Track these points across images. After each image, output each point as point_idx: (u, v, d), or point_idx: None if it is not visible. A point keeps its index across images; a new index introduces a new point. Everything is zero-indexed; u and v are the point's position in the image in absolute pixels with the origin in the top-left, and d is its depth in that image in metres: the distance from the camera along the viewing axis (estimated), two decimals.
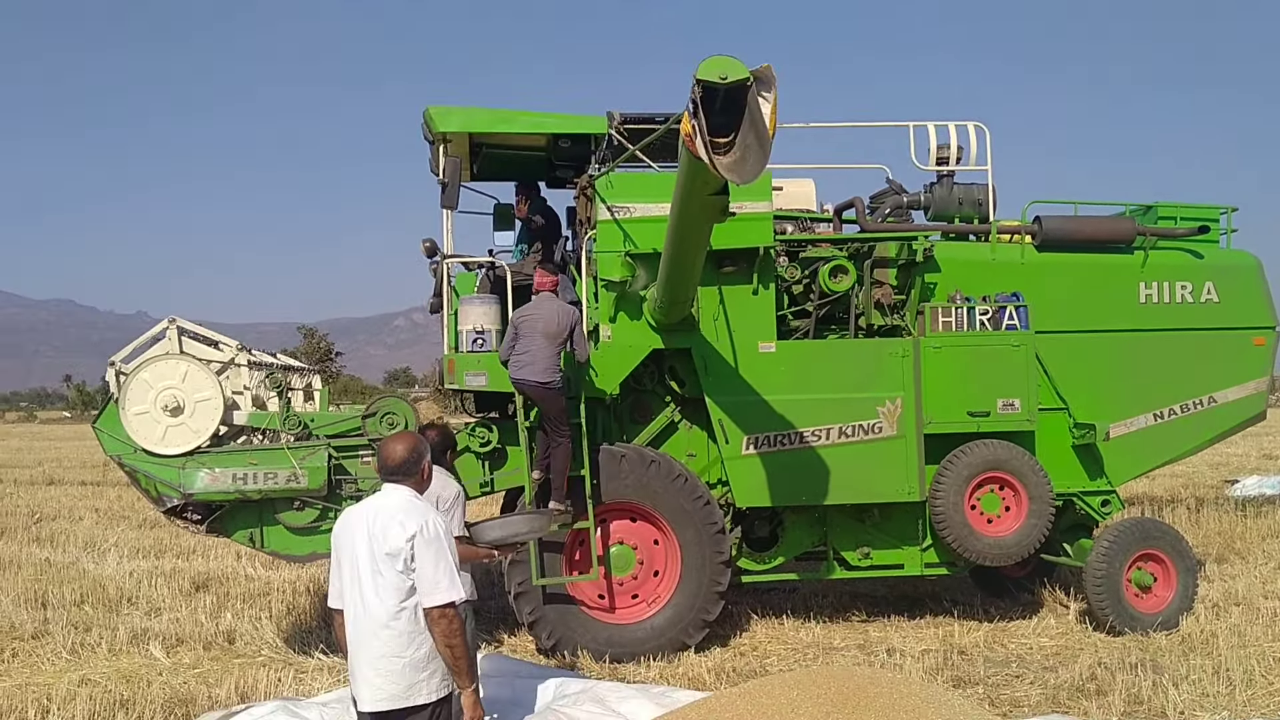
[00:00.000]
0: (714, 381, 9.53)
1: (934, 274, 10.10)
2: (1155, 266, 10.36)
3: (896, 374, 9.66)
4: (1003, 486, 9.59)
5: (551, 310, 8.84)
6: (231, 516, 9.07)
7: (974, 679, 8.32)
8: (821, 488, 9.54)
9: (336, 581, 4.79)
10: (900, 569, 10.04)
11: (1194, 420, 10.44)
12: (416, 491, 4.79)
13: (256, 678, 8.29)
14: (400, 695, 4.55)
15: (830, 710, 5.49)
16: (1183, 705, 7.50)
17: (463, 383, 9.37)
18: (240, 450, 9.02)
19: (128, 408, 8.79)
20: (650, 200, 9.33)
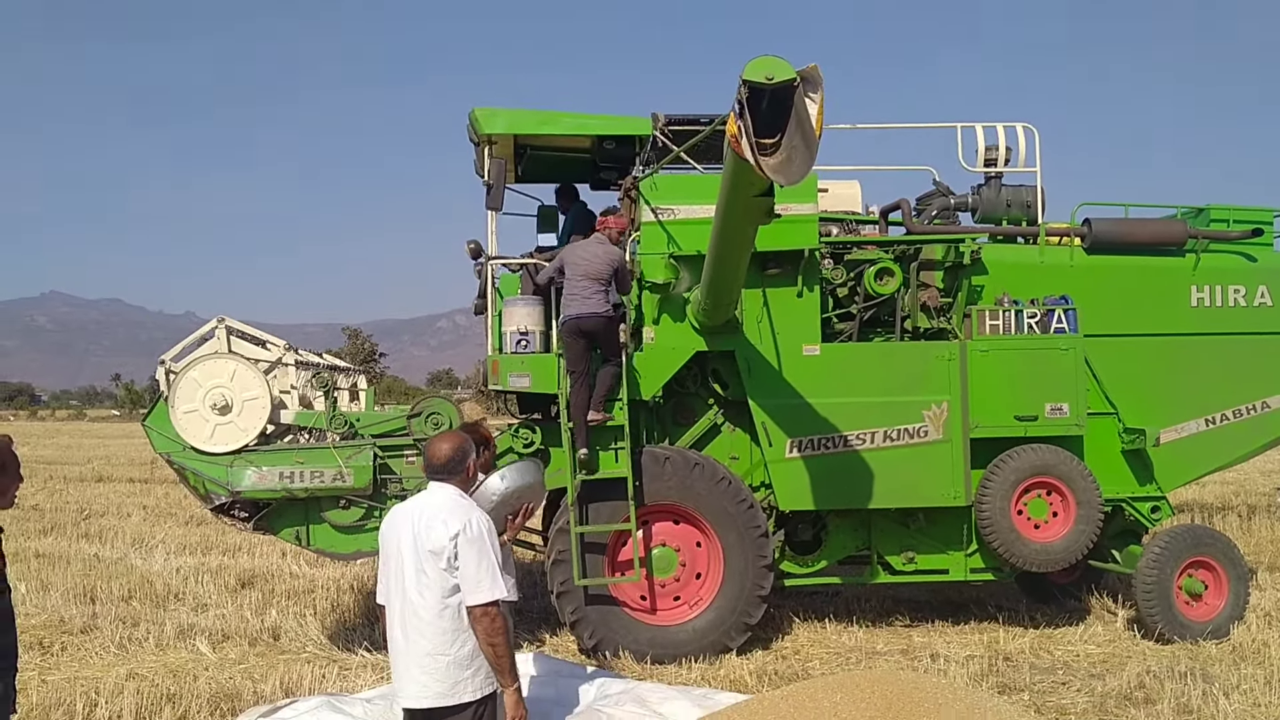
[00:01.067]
0: (757, 384, 9.50)
1: (981, 276, 10.02)
2: (1207, 270, 10.21)
3: (943, 377, 9.58)
4: (1050, 492, 9.49)
5: (594, 252, 9.01)
6: (278, 514, 9.15)
7: (1019, 685, 8.22)
8: (865, 491, 9.48)
9: (384, 578, 4.82)
10: (945, 574, 9.98)
11: (1247, 426, 10.26)
12: (462, 490, 4.81)
13: (301, 674, 8.35)
14: (445, 693, 4.56)
15: (874, 715, 5.45)
16: (1233, 715, 7.37)
17: (506, 384, 9.40)
18: (287, 449, 9.10)
19: (177, 406, 8.90)
20: (694, 202, 9.32)
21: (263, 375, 9.10)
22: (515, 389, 9.51)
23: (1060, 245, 10.27)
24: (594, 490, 9.11)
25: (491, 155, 9.70)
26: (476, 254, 10.08)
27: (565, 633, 10.05)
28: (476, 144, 9.96)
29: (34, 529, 16.47)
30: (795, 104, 5.86)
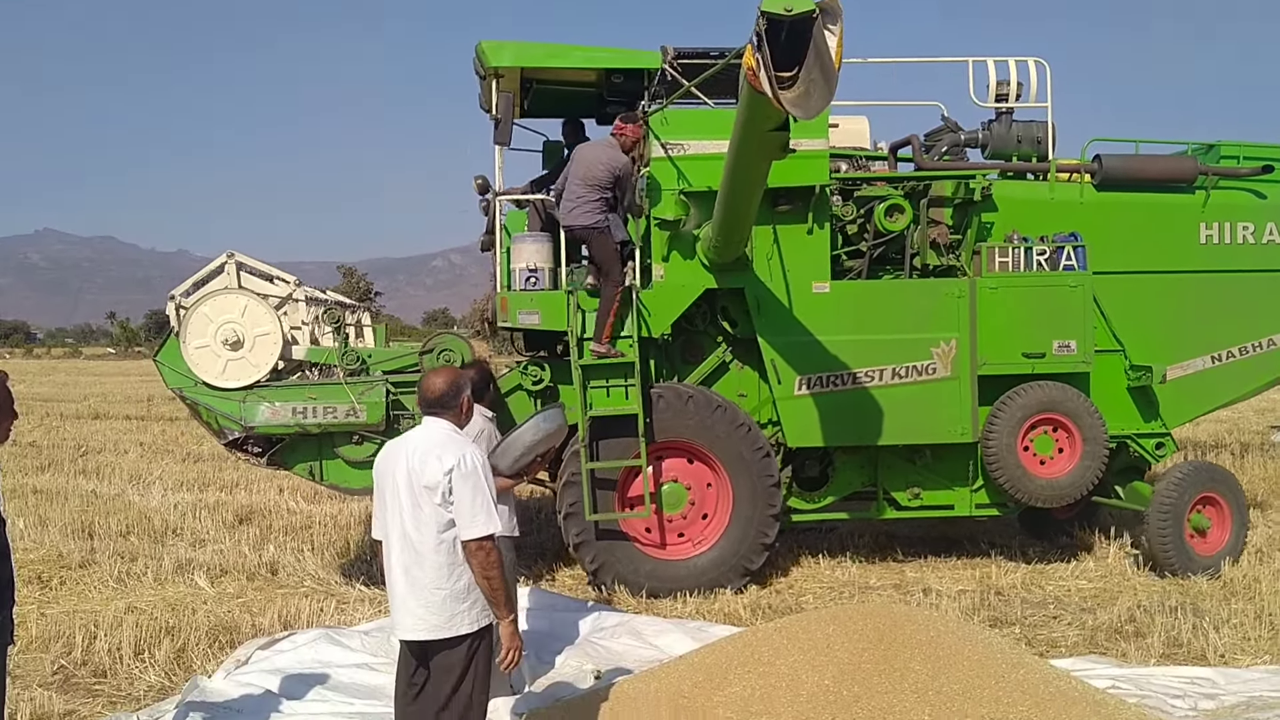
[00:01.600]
0: (767, 321, 9.48)
1: (991, 213, 9.96)
2: (1216, 206, 10.16)
3: (952, 315, 9.57)
4: (1056, 428, 9.53)
5: (594, 156, 8.95)
6: (291, 450, 9.13)
7: (1011, 619, 8.31)
8: (873, 428, 9.51)
9: (379, 513, 4.82)
10: (951, 510, 10.04)
11: (1252, 363, 10.30)
12: (456, 425, 4.79)
13: (299, 607, 8.42)
14: (442, 626, 4.58)
15: (866, 647, 5.51)
16: (1223, 648, 7.46)
17: (515, 321, 9.36)
18: (299, 385, 9.07)
19: (188, 341, 8.86)
20: (705, 137, 9.20)
21: (274, 311, 9.04)
22: (525, 326, 9.45)
23: (1070, 182, 10.20)
24: (605, 426, 9.09)
25: (499, 89, 9.58)
26: (484, 189, 9.98)
27: (562, 567, 10.14)
28: (483, 77, 9.79)
29: (31, 465, 16.52)
30: (814, 36, 5.73)
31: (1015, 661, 5.65)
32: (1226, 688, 6.60)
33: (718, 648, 6.17)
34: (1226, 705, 6.30)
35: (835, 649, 5.53)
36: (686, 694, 5.59)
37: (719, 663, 5.81)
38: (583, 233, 9.03)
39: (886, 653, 5.45)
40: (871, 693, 5.21)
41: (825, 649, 5.55)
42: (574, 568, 10.12)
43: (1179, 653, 7.46)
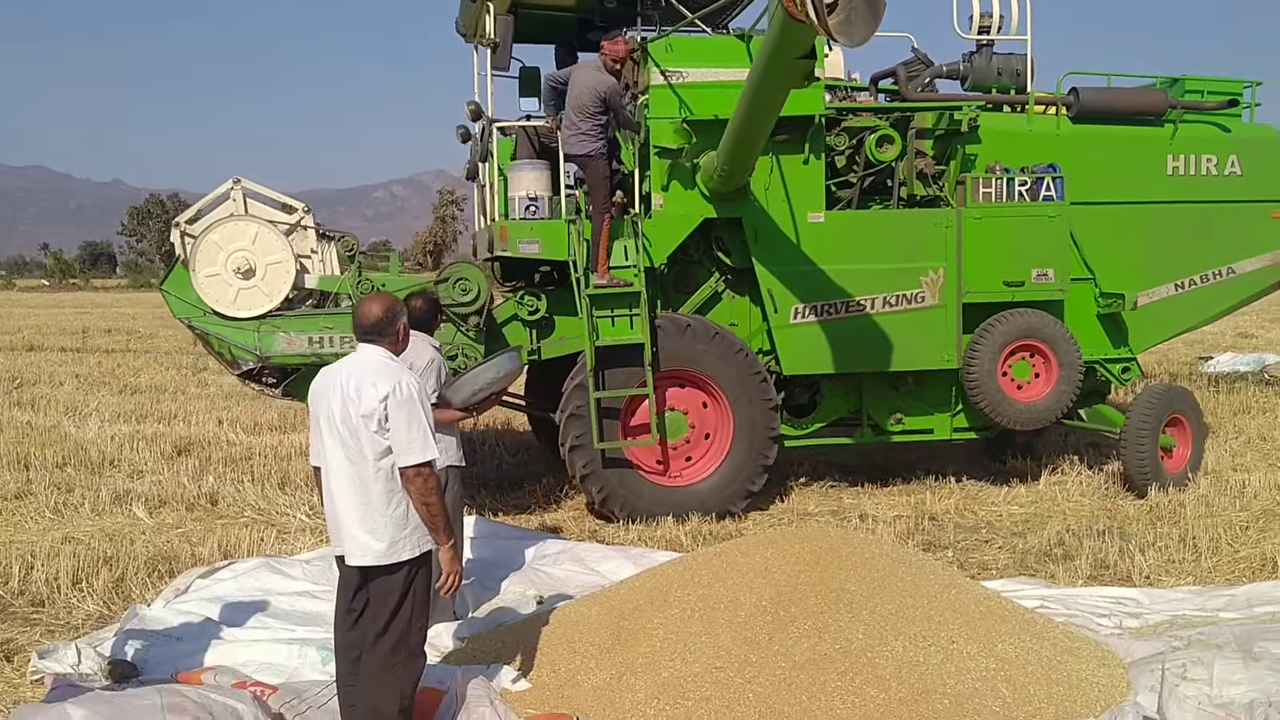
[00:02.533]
0: (764, 251, 9.57)
1: (974, 145, 10.11)
2: (1183, 139, 10.44)
3: (940, 244, 9.76)
4: (1033, 354, 9.85)
5: (582, 82, 8.93)
6: (305, 379, 8.82)
7: (944, 544, 8.50)
8: (865, 356, 9.72)
9: (316, 441, 4.79)
10: (930, 434, 10.33)
11: (1213, 290, 10.68)
12: (391, 352, 4.75)
13: (239, 537, 8.40)
14: (383, 552, 4.59)
15: (802, 569, 5.61)
16: (1148, 570, 7.68)
17: (516, 250, 9.28)
18: (313, 314, 8.87)
19: (198, 270, 8.59)
20: (706, 65, 9.28)
21: (285, 238, 8.78)
22: (525, 255, 9.34)
23: (1045, 114, 10.37)
24: (609, 356, 9.10)
25: (495, 12, 9.43)
26: (477, 115, 9.85)
27: (505, 496, 10.19)
28: (473, 1, 9.57)
29: None
30: None
31: (947, 582, 5.80)
32: (1151, 607, 6.81)
33: (658, 572, 6.25)
34: (1150, 624, 6.50)
35: (773, 571, 5.63)
36: (627, 616, 5.67)
37: (659, 586, 5.88)
38: (579, 160, 9.10)
39: (822, 574, 5.55)
40: (808, 613, 5.32)
41: (763, 571, 5.65)
42: (517, 497, 10.19)
43: (1106, 574, 7.69)
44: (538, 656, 5.62)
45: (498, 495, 10.25)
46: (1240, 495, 9.52)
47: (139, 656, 5.94)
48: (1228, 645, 5.70)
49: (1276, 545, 7.99)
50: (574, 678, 5.39)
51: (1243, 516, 8.84)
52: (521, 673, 5.53)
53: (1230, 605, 6.72)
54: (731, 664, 5.13)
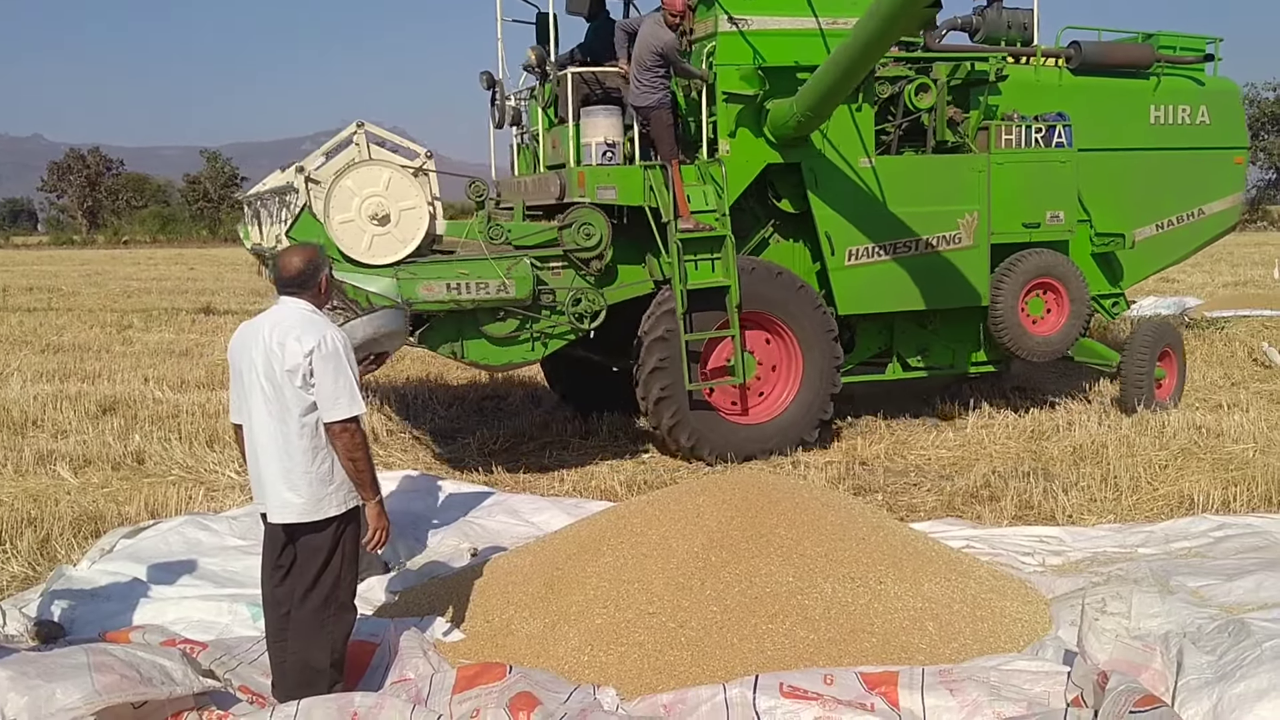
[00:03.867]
0: (822, 195, 9.90)
1: (992, 95, 10.64)
2: (1165, 90, 11.30)
3: (974, 188, 10.30)
4: (1046, 291, 10.60)
5: (642, 36, 9.20)
6: (440, 327, 8.79)
7: (874, 487, 8.63)
8: (912, 294, 10.22)
9: (237, 397, 4.72)
10: (951, 368, 11.00)
11: (1187, 230, 11.67)
12: (314, 305, 4.67)
13: (166, 496, 8.27)
14: (309, 509, 4.55)
15: (734, 515, 5.66)
16: (1071, 509, 7.87)
17: (594, 195, 9.28)
18: (447, 261, 8.64)
19: (332, 216, 8.27)
20: (772, 12, 9.62)
21: (418, 183, 8.51)
22: (603, 201, 9.29)
23: (1045, 66, 11.03)
24: (692, 300, 9.27)
25: None
26: (541, 63, 9.83)
27: (439, 448, 10.15)
28: None
29: None
30: None
31: (875, 525, 5.89)
32: (1073, 545, 6.99)
33: (591, 521, 6.28)
34: (1072, 561, 6.67)
35: (704, 517, 5.67)
36: (560, 566, 5.69)
37: (592, 535, 5.91)
38: (643, 111, 9.34)
39: (753, 519, 5.61)
40: (739, 557, 5.38)
41: (695, 518, 5.69)
42: (451, 450, 10.14)
43: (1030, 514, 7.86)
44: (471, 607, 5.63)
45: (431, 449, 10.20)
46: (1160, 435, 9.75)
47: (65, 617, 5.86)
48: (1145, 580, 5.87)
49: (1194, 483, 8.22)
50: (508, 627, 5.41)
51: (1162, 455, 9.06)
52: (455, 624, 5.54)
53: (1148, 541, 6.91)
54: (664, 609, 5.18)
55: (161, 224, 65.63)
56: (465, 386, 12.94)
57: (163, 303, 24.39)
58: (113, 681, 4.36)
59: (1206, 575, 5.99)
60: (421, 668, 4.99)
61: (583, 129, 9.61)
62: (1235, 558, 6.33)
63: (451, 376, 13.82)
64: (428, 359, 15.43)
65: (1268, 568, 5.96)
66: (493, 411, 11.70)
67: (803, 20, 9.66)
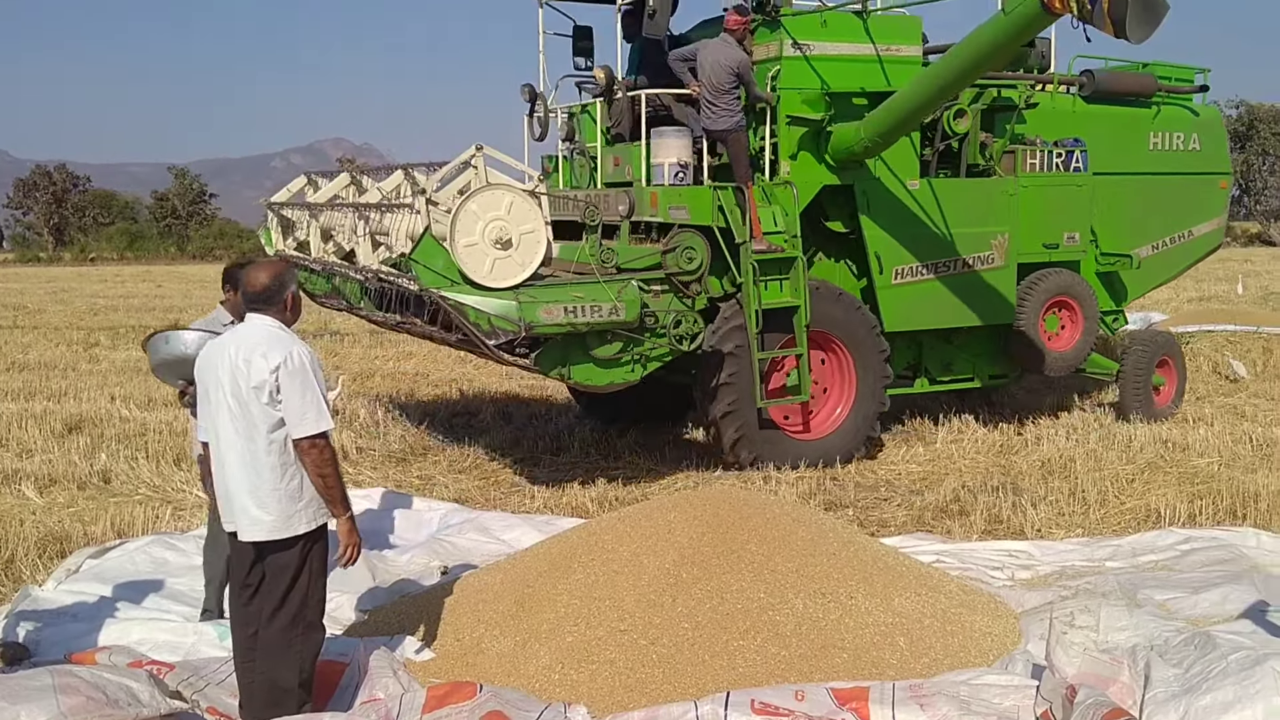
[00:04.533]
0: (873, 216, 10.22)
1: (1018, 121, 10.99)
2: (1164, 118, 11.89)
3: (1005, 210, 10.75)
4: (1062, 308, 11.08)
5: (715, 59, 9.42)
6: (554, 350, 8.75)
7: (845, 502, 8.66)
8: (950, 312, 10.63)
9: (205, 414, 4.68)
10: (971, 381, 11.33)
11: (1179, 250, 12.19)
12: (281, 321, 4.64)
13: (134, 515, 8.19)
14: (279, 526, 4.52)
15: (705, 531, 5.66)
16: (1039, 523, 7.92)
17: (666, 215, 9.48)
18: (561, 284, 8.66)
19: (458, 239, 8.23)
20: (834, 39, 9.99)
21: (538, 207, 8.51)
22: (674, 220, 9.46)
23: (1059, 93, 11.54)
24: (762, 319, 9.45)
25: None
26: (610, 82, 10.01)
27: (410, 466, 10.10)
28: None
29: None
30: None
31: (846, 540, 5.91)
32: (1041, 559, 7.03)
33: (562, 539, 6.27)
34: (1041, 575, 6.72)
35: (676, 534, 5.67)
36: (531, 584, 5.68)
37: (563, 552, 5.90)
38: (718, 135, 9.58)
39: (725, 536, 5.62)
40: (710, 574, 5.38)
41: (666, 534, 5.69)
42: (421, 467, 10.10)
43: (999, 528, 7.91)
44: (441, 626, 5.60)
45: (402, 466, 10.15)
46: (1127, 449, 9.85)
47: (31, 638, 5.79)
48: (1113, 593, 5.93)
49: (1160, 497, 8.30)
50: (478, 646, 5.39)
51: (1129, 470, 9.15)
52: (425, 643, 5.51)
53: (1116, 555, 6.97)
54: (635, 627, 5.18)
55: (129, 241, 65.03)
56: (435, 403, 12.89)
57: (130, 320, 24.17)
58: (78, 703, 4.31)
59: (1173, 588, 6.05)
60: (391, 687, 4.95)
61: (655, 149, 9.78)
62: (1201, 570, 6.39)
63: (421, 393, 13.78)
64: (396, 375, 15.39)
65: (1233, 580, 6.03)
66: (463, 428, 11.66)
67: (862, 47, 10.06)
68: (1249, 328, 17.12)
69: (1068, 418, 11.27)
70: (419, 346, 18.13)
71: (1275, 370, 14.03)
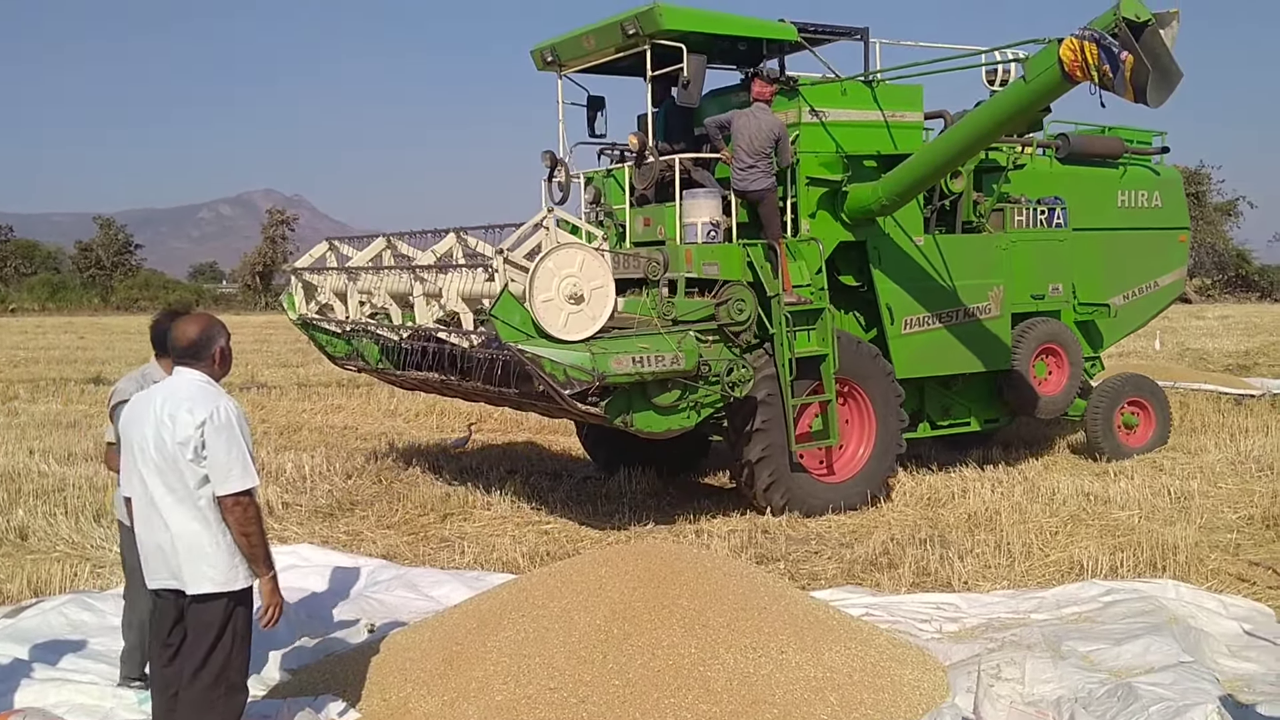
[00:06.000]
0: (884, 269, 10.85)
1: (1004, 181, 11.78)
2: (1129, 178, 12.84)
3: (999, 264, 11.52)
4: (1049, 355, 11.84)
5: (755, 125, 10.02)
6: (620, 398, 9.00)
7: (776, 556, 8.69)
8: (955, 360, 11.28)
9: (128, 470, 4.58)
10: (967, 425, 12.00)
11: (1145, 300, 13.12)
12: (209, 376, 4.59)
13: (51, 573, 7.97)
14: (226, 579, 4.43)
15: (636, 585, 5.65)
16: (966, 576, 8.01)
17: (700, 271, 9.93)
18: (627, 335, 9.03)
19: (536, 295, 8.56)
20: (846, 106, 10.68)
21: (607, 264, 9.00)
22: (708, 276, 9.95)
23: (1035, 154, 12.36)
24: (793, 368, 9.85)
25: (690, 51, 10.03)
26: (643, 148, 10.42)
27: (337, 521, 9.96)
28: (633, 36, 10.12)
29: None
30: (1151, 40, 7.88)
31: (777, 594, 5.93)
32: (969, 611, 7.10)
33: (492, 595, 6.22)
34: (968, 627, 6.78)
35: (607, 589, 5.66)
36: (459, 641, 5.62)
37: (493, 609, 5.85)
38: (755, 196, 10.10)
39: (656, 590, 5.61)
40: (641, 629, 5.36)
41: (597, 589, 5.67)
42: (348, 523, 9.96)
43: (927, 581, 7.98)
44: (367, 686, 5.51)
45: (329, 521, 10.01)
46: (1050, 501, 10.02)
47: None
48: (1038, 645, 6.00)
49: (1083, 549, 8.44)
50: (405, 705, 5.31)
51: (1053, 522, 9.31)
52: (350, 703, 5.41)
53: (1041, 607, 7.06)
54: (566, 684, 5.14)
55: (51, 291, 63.80)
56: (364, 458, 12.75)
57: (50, 372, 23.66)
58: None
59: (1096, 640, 6.14)
60: None
61: (685, 209, 10.25)
62: (1123, 622, 6.50)
63: (350, 446, 13.62)
64: (324, 429, 15.21)
65: (1153, 631, 6.13)
66: (392, 483, 11.54)
67: (871, 113, 10.72)
68: (1166, 383, 17.61)
69: (993, 471, 11.45)
70: (348, 399, 18.00)
71: (1191, 425, 14.37)
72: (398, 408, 16.95)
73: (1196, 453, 12.49)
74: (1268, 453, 12.05)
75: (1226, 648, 6.35)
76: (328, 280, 11.38)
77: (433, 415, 16.10)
